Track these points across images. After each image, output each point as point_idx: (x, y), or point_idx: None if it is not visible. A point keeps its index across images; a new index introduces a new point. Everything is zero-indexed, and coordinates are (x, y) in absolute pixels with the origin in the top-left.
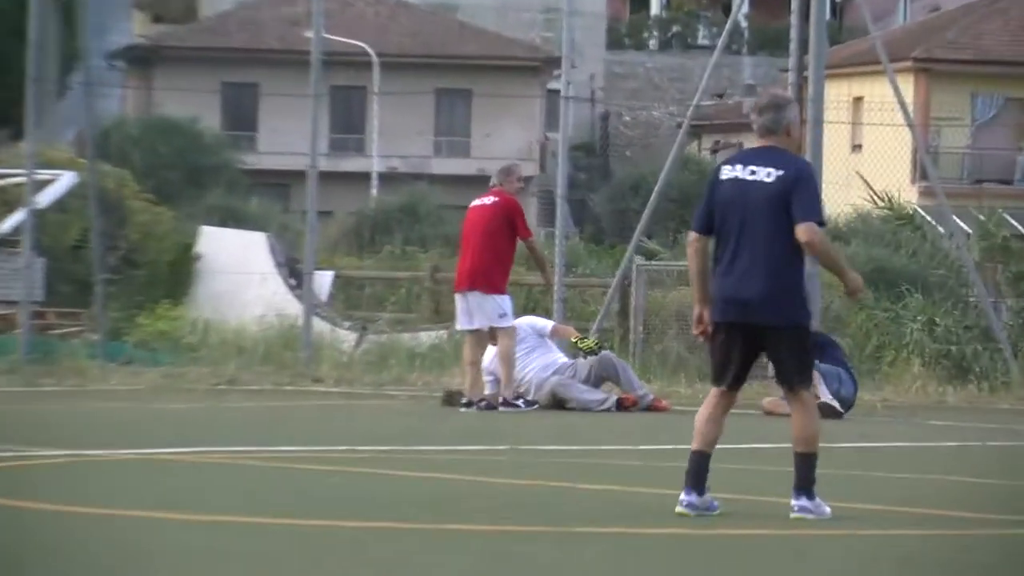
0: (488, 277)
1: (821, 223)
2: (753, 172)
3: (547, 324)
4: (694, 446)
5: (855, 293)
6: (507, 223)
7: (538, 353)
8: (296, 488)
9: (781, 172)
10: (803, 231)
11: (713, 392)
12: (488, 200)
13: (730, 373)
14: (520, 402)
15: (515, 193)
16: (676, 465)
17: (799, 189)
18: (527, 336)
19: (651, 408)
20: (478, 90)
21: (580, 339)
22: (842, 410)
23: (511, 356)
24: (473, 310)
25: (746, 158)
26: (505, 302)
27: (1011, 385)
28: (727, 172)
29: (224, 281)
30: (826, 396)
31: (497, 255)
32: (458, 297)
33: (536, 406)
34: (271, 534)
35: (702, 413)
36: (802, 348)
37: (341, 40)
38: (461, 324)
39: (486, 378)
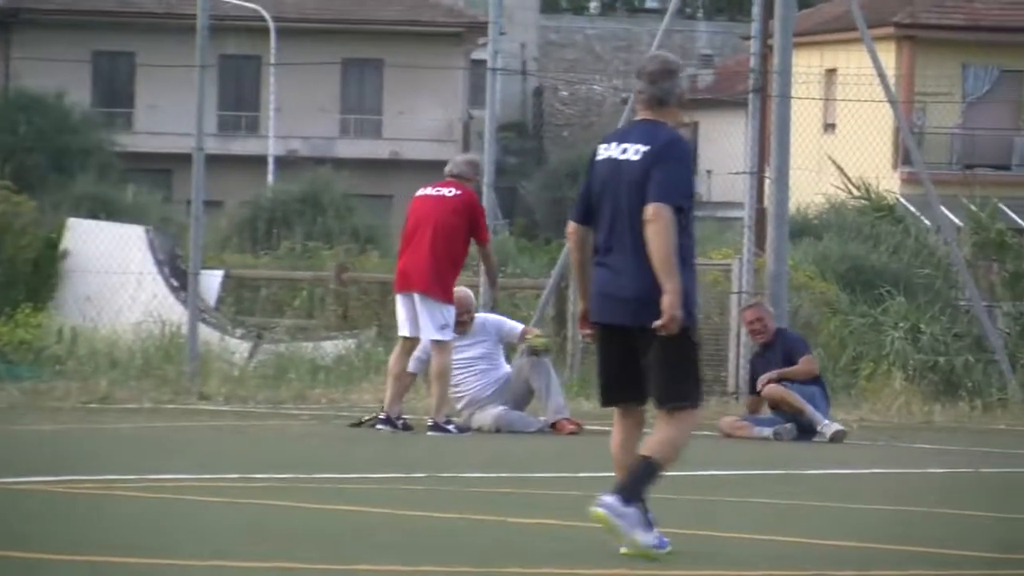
0: (441, 281)
1: (679, 208)
2: (624, 151)
3: (517, 327)
4: (618, 476)
5: (666, 321)
6: (468, 222)
7: (485, 364)
8: (179, 523)
9: (647, 148)
10: (649, 211)
11: (615, 414)
12: (448, 192)
13: (615, 386)
14: (452, 427)
15: (476, 191)
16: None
17: (659, 165)
18: (486, 339)
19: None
20: (391, 60)
21: (536, 335)
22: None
23: (446, 373)
24: (418, 316)
25: (622, 135)
26: (450, 313)
27: (1008, 402)
28: (602, 151)
29: (95, 282)
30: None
31: (453, 257)
32: (401, 299)
33: (470, 433)
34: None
35: (613, 439)
36: (678, 357)
37: (232, 2)
38: (404, 330)
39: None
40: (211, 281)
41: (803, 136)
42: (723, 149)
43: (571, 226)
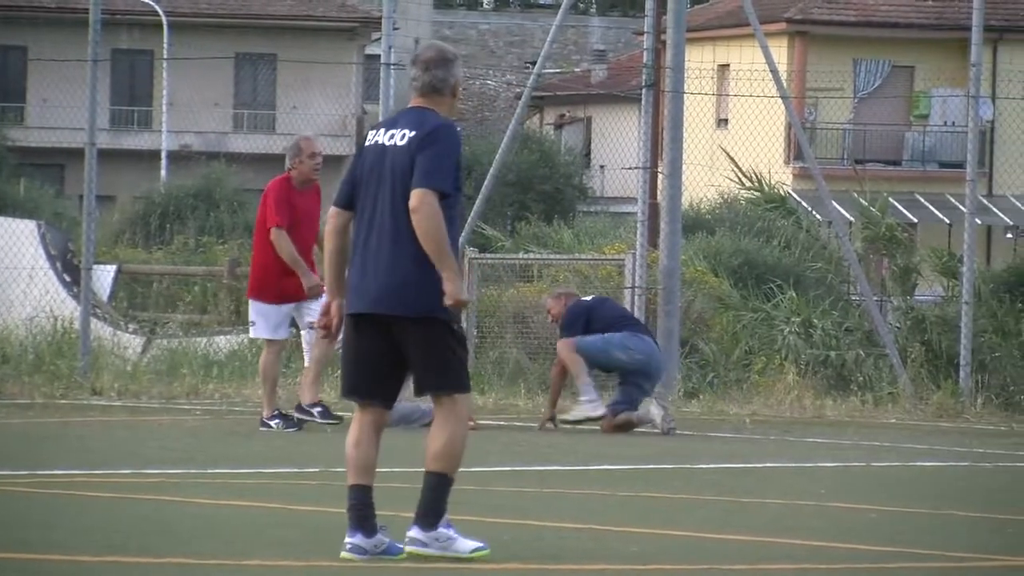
0: (253, 278)
1: (443, 194)
2: (392, 136)
3: None
4: (349, 480)
5: (454, 303)
6: (265, 211)
7: None
8: (71, 519)
9: (413, 133)
10: (413, 196)
11: (355, 410)
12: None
13: (364, 381)
14: (275, 422)
15: (309, 175)
16: (512, 490)
17: (424, 149)
18: None
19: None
20: (284, 55)
21: None
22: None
23: (266, 371)
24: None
25: (392, 121)
26: (257, 309)
27: (899, 397)
28: (370, 137)
29: None
30: (653, 414)
31: (259, 251)
32: None
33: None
34: (39, 572)
35: (349, 437)
36: (442, 345)
37: None
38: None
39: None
40: (104, 276)
41: (696, 131)
42: (616, 144)
43: (332, 210)
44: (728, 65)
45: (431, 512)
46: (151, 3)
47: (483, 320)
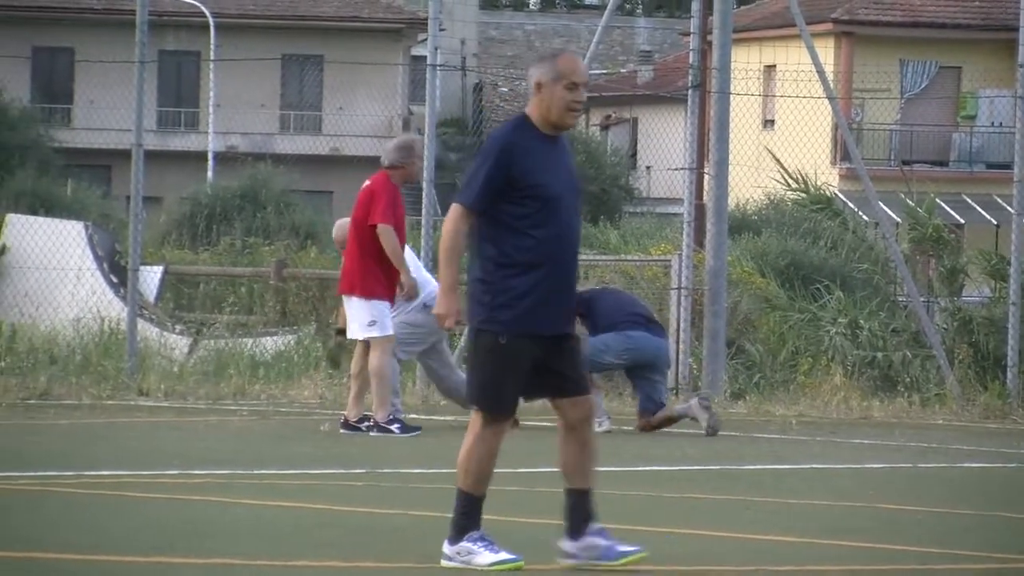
0: (362, 278)
1: (470, 204)
2: None
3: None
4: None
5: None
6: (371, 207)
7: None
8: (119, 519)
9: None
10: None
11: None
12: (367, 183)
13: (515, 396)
14: (395, 427)
15: (415, 177)
16: (551, 490)
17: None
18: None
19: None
20: (331, 56)
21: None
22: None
23: (381, 372)
24: (349, 317)
25: None
26: (379, 308)
27: (946, 398)
28: None
29: (34, 279)
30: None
31: (371, 251)
32: (343, 300)
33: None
34: (86, 572)
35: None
36: (472, 358)
37: None
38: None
39: None
40: (151, 277)
41: (742, 132)
42: (662, 145)
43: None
44: (774, 66)
45: (454, 527)
46: (198, 4)
47: None
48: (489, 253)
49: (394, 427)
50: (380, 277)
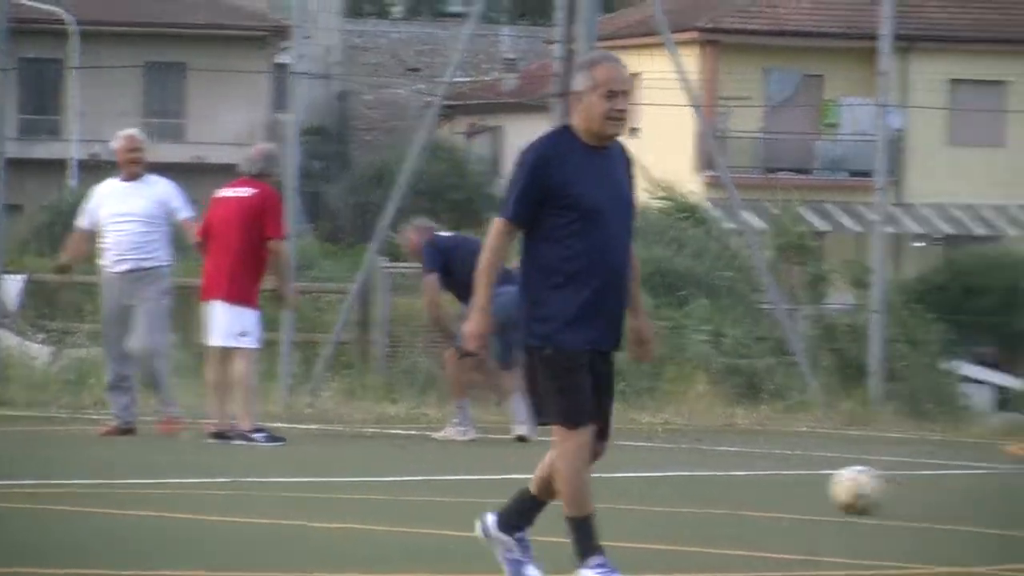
0: (241, 287)
1: (509, 218)
2: None
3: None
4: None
5: (469, 341)
6: (264, 220)
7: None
8: None
9: None
10: None
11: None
12: (245, 192)
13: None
14: (260, 436)
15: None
16: (424, 499)
17: None
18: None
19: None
20: (194, 64)
21: None
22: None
23: (250, 382)
24: (217, 322)
25: None
26: (252, 319)
27: (809, 405)
28: None
29: None
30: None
31: (255, 261)
32: (208, 307)
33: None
34: None
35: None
36: (530, 376)
37: (32, 4)
38: (211, 339)
39: None
40: (11, 286)
41: None
42: None
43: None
44: (639, 74)
45: (575, 553)
46: (59, 11)
47: (394, 329)
48: (530, 265)
49: (258, 436)
50: (258, 288)
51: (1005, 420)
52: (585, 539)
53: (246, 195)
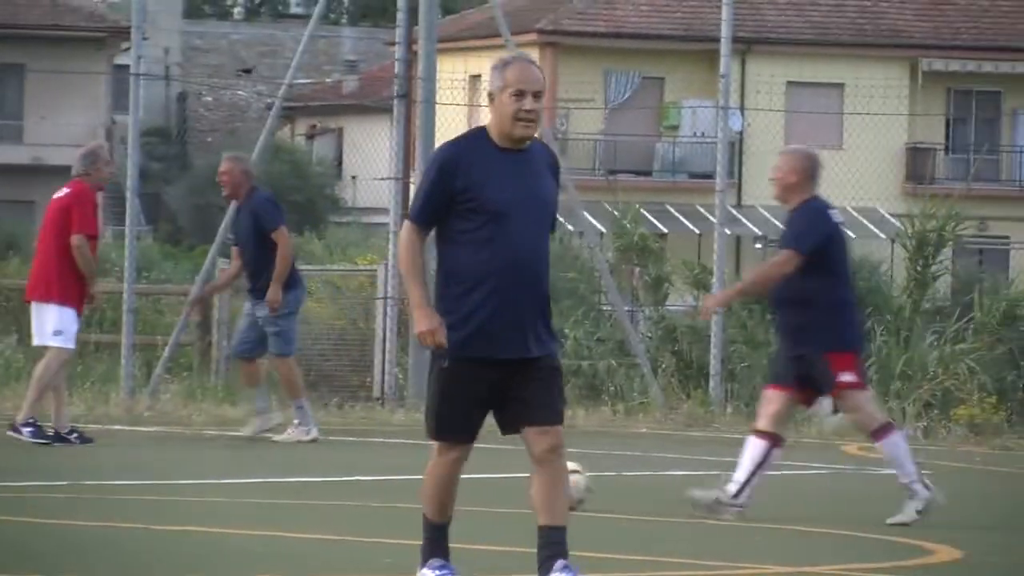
0: (50, 287)
1: (413, 219)
2: None
3: None
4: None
5: (422, 338)
6: (71, 218)
7: None
8: None
9: None
10: None
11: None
12: (62, 192)
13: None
14: (27, 431)
15: (105, 181)
16: (264, 502)
17: None
18: None
19: None
20: (33, 65)
21: None
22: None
23: (44, 378)
24: (34, 323)
25: None
26: (66, 317)
27: (650, 406)
28: None
29: None
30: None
31: (66, 259)
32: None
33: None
34: None
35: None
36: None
37: None
38: (36, 339)
39: None
40: None
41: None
42: (369, 155)
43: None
44: (480, 75)
45: (420, 552)
46: None
47: (234, 331)
48: (440, 270)
49: (26, 431)
50: (74, 285)
51: (842, 421)
52: (434, 542)
53: (61, 195)
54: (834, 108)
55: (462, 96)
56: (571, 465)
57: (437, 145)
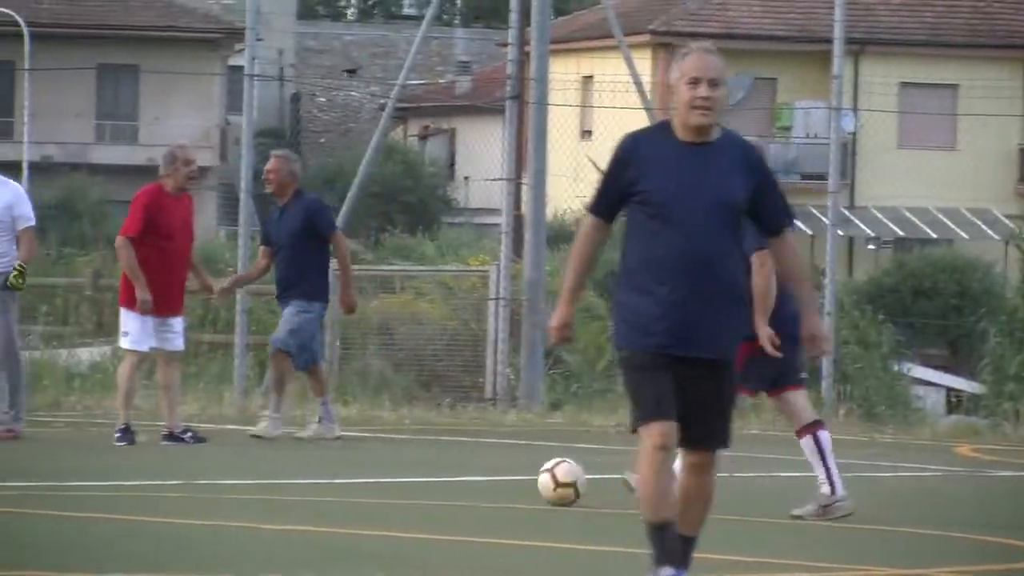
0: (122, 287)
1: (590, 210)
2: None
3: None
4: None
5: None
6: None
7: None
8: None
9: None
10: None
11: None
12: None
13: None
14: (188, 435)
15: (183, 184)
16: (375, 502)
17: None
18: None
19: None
20: (147, 66)
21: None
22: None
23: (120, 382)
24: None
25: None
26: (128, 320)
27: (761, 408)
28: None
29: None
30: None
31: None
32: None
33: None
34: None
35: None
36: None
37: None
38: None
39: None
40: None
41: (560, 143)
42: (480, 156)
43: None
44: (592, 76)
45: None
46: (11, 13)
47: (347, 331)
48: (620, 264)
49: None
50: (131, 289)
51: (955, 422)
52: (658, 547)
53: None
54: (947, 109)
55: (574, 97)
56: (547, 464)
57: (548, 146)
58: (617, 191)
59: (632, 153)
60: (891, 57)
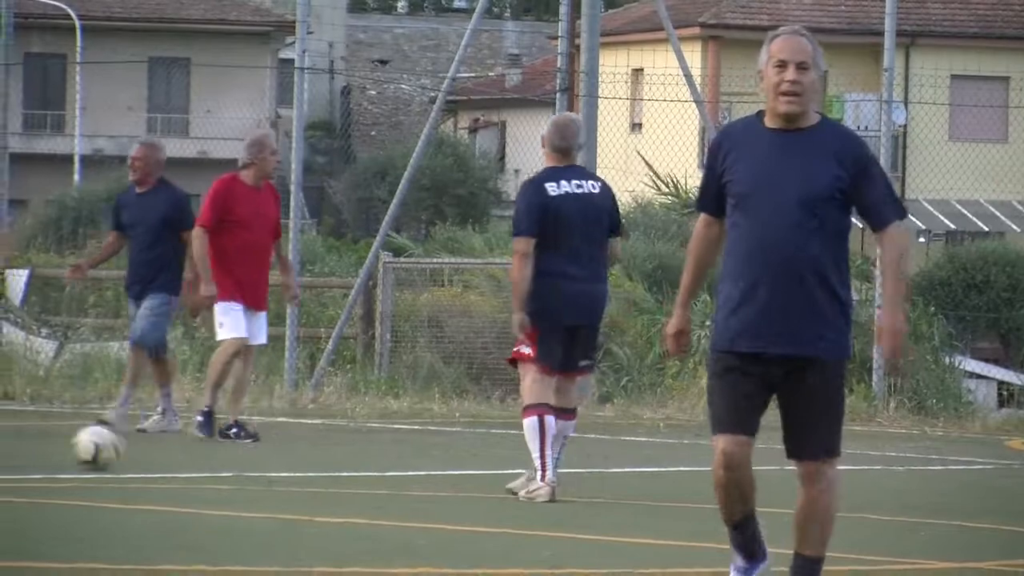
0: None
1: (697, 210)
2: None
3: None
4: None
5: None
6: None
7: None
8: None
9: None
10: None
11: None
12: None
13: None
14: (233, 431)
15: (270, 172)
16: (425, 494)
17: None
18: None
19: None
20: (198, 59)
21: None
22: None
23: (216, 366)
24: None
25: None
26: (220, 307)
27: None
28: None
29: None
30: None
31: (213, 251)
32: None
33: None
34: None
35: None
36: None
37: (37, 0)
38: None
39: None
40: (17, 280)
41: (610, 135)
42: (531, 148)
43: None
44: (642, 69)
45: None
46: (63, 6)
47: (397, 324)
48: (723, 257)
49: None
50: (223, 279)
51: (1007, 416)
52: (736, 546)
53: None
54: (999, 101)
55: (624, 90)
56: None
57: (598, 139)
58: (714, 183)
59: (721, 143)
60: (942, 49)
